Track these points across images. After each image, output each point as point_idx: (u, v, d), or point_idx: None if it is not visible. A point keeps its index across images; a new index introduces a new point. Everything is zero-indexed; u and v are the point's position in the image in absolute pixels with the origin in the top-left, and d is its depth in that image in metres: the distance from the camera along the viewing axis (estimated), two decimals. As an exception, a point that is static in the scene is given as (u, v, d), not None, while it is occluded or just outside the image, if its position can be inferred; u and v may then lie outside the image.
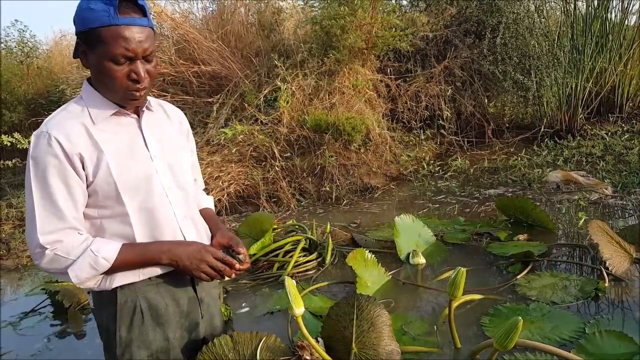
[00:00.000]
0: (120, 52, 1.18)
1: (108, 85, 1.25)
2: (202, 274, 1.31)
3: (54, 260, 1.21)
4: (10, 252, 3.79)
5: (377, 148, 4.73)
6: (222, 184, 4.21)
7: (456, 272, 1.64)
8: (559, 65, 5.01)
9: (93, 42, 1.19)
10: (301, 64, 4.88)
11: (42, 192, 1.21)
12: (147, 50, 1.23)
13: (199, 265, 1.30)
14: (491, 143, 5.21)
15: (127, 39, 1.18)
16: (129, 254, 1.26)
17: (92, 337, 2.28)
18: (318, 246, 2.96)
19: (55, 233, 1.21)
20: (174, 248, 1.30)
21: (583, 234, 2.78)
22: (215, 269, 1.31)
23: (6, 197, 4.87)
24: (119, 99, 1.27)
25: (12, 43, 7.71)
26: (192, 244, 1.33)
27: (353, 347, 1.65)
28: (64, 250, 1.21)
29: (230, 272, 1.33)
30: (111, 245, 1.25)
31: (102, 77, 1.24)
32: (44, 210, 1.21)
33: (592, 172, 4.09)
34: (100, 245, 1.23)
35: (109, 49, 1.17)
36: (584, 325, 1.81)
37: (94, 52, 1.21)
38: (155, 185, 1.35)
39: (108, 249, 1.23)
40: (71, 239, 1.22)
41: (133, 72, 1.22)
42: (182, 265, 1.29)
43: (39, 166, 1.21)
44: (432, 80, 5.16)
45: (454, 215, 3.46)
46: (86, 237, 1.25)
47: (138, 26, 1.19)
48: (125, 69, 1.22)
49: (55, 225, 1.21)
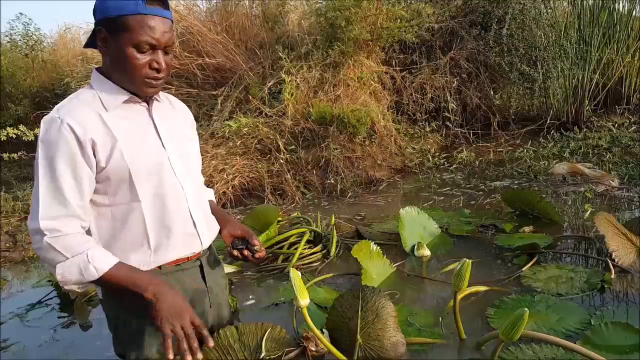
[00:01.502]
0: (145, 40, 1.21)
1: (127, 72, 1.26)
2: (168, 328, 1.16)
3: (48, 250, 1.18)
4: (17, 244, 3.81)
5: (382, 140, 4.71)
6: (226, 176, 4.21)
7: (461, 264, 1.63)
8: (565, 57, 4.96)
9: (118, 29, 1.21)
10: (306, 56, 4.86)
11: (48, 176, 1.21)
12: (169, 42, 1.27)
13: (173, 319, 1.18)
14: (497, 135, 5.18)
15: (152, 28, 1.21)
16: (120, 272, 1.21)
17: (99, 328, 2.29)
18: (323, 238, 2.96)
19: (56, 219, 1.20)
20: (163, 288, 1.20)
21: (589, 226, 2.76)
22: (185, 333, 1.17)
23: (12, 190, 4.89)
24: (136, 86, 1.28)
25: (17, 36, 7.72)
26: (183, 298, 1.22)
27: (358, 338, 1.65)
28: (62, 245, 1.18)
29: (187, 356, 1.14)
30: (107, 257, 1.21)
31: (122, 64, 1.25)
32: (48, 195, 1.20)
33: (599, 164, 4.06)
34: (97, 254, 1.20)
35: (134, 36, 1.20)
36: (590, 317, 1.80)
37: (118, 39, 1.22)
38: (167, 172, 1.35)
39: (102, 260, 1.19)
40: (73, 231, 1.20)
41: (155, 61, 1.25)
42: (159, 307, 1.18)
43: (49, 151, 1.21)
44: (438, 72, 5.13)
45: (459, 207, 3.45)
46: (88, 239, 1.22)
47: (162, 17, 1.23)
48: (147, 58, 1.24)
49: (57, 211, 1.20)
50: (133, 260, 1.31)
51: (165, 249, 1.36)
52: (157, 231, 1.34)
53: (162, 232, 1.35)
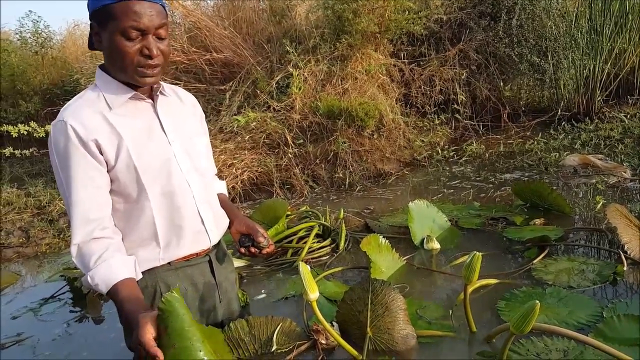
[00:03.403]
0: (131, 25, 1.19)
1: (119, 63, 1.25)
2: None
3: (78, 261, 1.27)
4: (30, 240, 3.86)
5: (391, 134, 4.69)
6: (235, 171, 4.22)
7: (472, 256, 1.63)
8: (576, 47, 4.89)
9: (105, 20, 1.20)
10: (313, 49, 4.84)
11: (68, 184, 1.24)
12: (158, 26, 1.23)
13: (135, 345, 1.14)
14: (507, 127, 5.13)
15: (137, 13, 1.19)
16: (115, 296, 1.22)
17: (111, 322, 2.32)
18: (331, 232, 2.96)
19: (78, 241, 1.25)
20: (133, 321, 1.14)
21: (601, 218, 2.74)
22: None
23: (24, 186, 4.95)
24: (130, 76, 1.27)
25: (27, 34, 7.77)
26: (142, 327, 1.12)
27: (368, 331, 1.65)
28: (80, 263, 1.25)
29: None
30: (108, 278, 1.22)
31: (114, 55, 1.24)
32: (75, 208, 1.24)
33: (611, 155, 4.01)
34: (98, 274, 1.22)
35: (119, 24, 1.19)
36: (602, 310, 1.78)
37: (106, 29, 1.22)
38: (174, 169, 1.36)
39: (102, 281, 1.21)
40: (88, 251, 1.25)
41: (145, 47, 1.23)
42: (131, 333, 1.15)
43: (60, 155, 1.24)
44: (447, 64, 5.08)
45: (469, 200, 3.43)
46: (104, 250, 1.25)
47: (148, 2, 1.21)
48: (137, 45, 1.22)
49: (83, 227, 1.25)
50: (142, 256, 1.33)
51: (174, 247, 1.38)
52: (167, 230, 1.35)
53: (171, 230, 1.36)
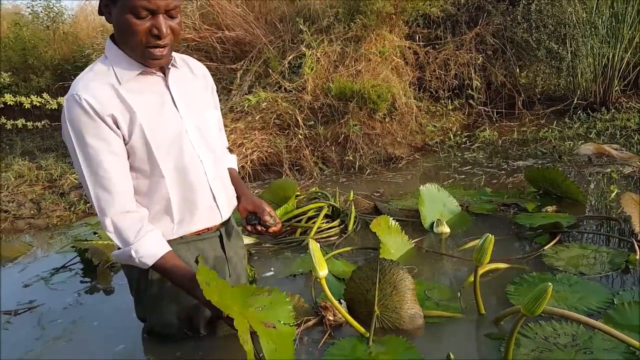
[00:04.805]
0: (140, 4, 1.15)
1: (128, 41, 1.23)
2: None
3: (116, 236, 1.31)
4: (41, 212, 3.90)
5: (403, 117, 4.64)
6: (245, 150, 4.21)
7: (484, 239, 1.61)
8: (596, 34, 4.78)
9: None
10: (327, 29, 4.78)
11: (86, 162, 1.25)
12: (169, 4, 1.19)
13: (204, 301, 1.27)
14: (521, 114, 5.06)
15: None
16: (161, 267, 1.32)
17: (121, 293, 2.34)
18: (341, 213, 2.95)
19: (108, 215, 1.28)
20: (192, 284, 1.26)
21: (614, 206, 2.70)
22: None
23: (35, 160, 4.98)
24: (139, 56, 1.25)
25: (38, 8, 7.75)
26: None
27: (375, 309, 1.65)
28: (118, 238, 1.31)
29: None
30: (153, 252, 1.30)
31: (123, 32, 1.22)
32: (94, 188, 1.27)
33: (626, 145, 3.94)
34: (142, 248, 1.29)
35: (130, 1, 1.16)
36: (613, 297, 1.76)
37: (116, 4, 1.19)
38: (186, 144, 1.35)
39: (147, 256, 1.30)
40: (123, 224, 1.30)
41: (154, 27, 1.19)
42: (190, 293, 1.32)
43: (75, 129, 1.23)
44: (463, 48, 5.00)
45: (481, 186, 3.40)
46: (141, 224, 1.30)
47: None
48: (147, 24, 1.19)
49: (107, 206, 1.28)
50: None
51: (187, 222, 1.39)
52: (180, 205, 1.35)
53: (185, 206, 1.36)
